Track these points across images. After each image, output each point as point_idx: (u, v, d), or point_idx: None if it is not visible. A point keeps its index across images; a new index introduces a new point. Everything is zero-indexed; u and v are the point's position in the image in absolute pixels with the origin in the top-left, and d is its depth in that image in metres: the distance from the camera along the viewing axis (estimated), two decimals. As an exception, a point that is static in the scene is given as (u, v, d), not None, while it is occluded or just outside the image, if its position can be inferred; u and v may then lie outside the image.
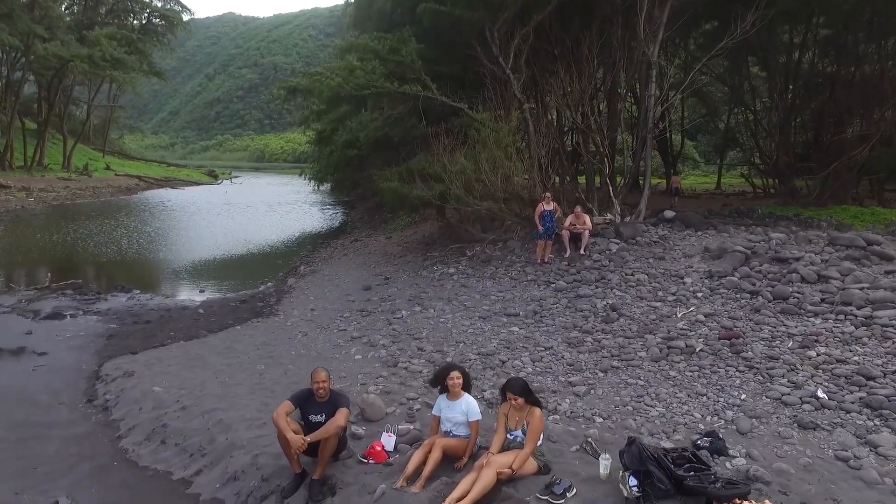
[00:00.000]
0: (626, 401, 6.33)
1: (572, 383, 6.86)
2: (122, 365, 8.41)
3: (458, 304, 10.30)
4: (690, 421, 5.79)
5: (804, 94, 21.95)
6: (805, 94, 21.95)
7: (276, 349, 9.00)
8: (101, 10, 58.55)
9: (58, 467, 5.82)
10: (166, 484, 5.54)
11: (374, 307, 10.96)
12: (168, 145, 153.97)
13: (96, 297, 13.23)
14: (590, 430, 5.60)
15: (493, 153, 13.09)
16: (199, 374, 7.86)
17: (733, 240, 11.61)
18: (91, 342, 9.91)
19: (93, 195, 43.74)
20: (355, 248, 18.81)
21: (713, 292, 9.32)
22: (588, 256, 11.62)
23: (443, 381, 5.23)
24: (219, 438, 5.91)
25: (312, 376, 5.09)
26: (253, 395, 7.01)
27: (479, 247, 13.89)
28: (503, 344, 8.27)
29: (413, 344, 8.58)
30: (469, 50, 14.99)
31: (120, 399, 7.27)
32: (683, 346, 7.52)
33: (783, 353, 7.08)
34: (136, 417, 6.73)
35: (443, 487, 4.68)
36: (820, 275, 9.29)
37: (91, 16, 56.85)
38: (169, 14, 58.26)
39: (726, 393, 6.29)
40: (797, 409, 5.84)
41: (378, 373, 7.50)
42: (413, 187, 14.02)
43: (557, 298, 9.96)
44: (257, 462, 5.37)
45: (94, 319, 11.41)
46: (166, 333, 10.42)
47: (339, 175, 28.45)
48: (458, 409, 5.16)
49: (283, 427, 4.80)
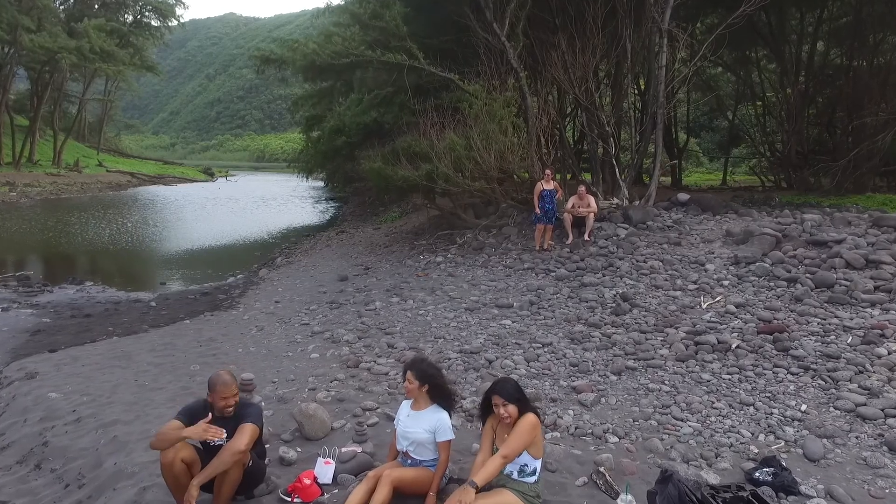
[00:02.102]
0: (648, 413, 4.83)
1: (577, 389, 5.35)
2: (28, 365, 6.93)
3: (443, 295, 8.82)
4: (737, 441, 4.28)
5: (817, 84, 20.76)
6: (818, 84, 20.78)
7: (221, 346, 7.53)
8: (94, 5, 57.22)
9: None
10: (21, 528, 4.06)
11: (345, 298, 9.48)
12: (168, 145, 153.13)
13: (41, 290, 11.80)
14: (601, 455, 4.08)
15: (487, 127, 11.61)
16: (116, 376, 6.38)
17: (759, 223, 10.15)
18: (10, 338, 8.45)
19: (80, 190, 42.52)
20: (340, 240, 17.36)
21: (741, 280, 7.86)
22: (593, 242, 10.16)
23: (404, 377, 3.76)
24: (106, 462, 4.43)
25: (215, 387, 3.60)
26: (173, 402, 5.52)
27: (470, 233, 12.43)
28: (492, 340, 6.76)
29: (383, 340, 7.08)
30: (461, 19, 13.55)
31: (8, 407, 5.79)
32: (715, 341, 6.03)
33: (843, 350, 5.59)
34: (16, 432, 5.26)
35: (391, 542, 3.19)
36: (868, 259, 7.85)
37: (83, 9, 55.51)
38: (161, 7, 56.83)
39: (780, 402, 4.79)
40: (881, 426, 4.34)
41: (334, 375, 6.01)
42: (398, 168, 12.56)
43: (558, 288, 8.48)
44: (143, 499, 3.89)
45: (28, 313, 9.95)
46: (104, 328, 8.98)
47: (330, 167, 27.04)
48: (423, 423, 3.66)
49: (168, 463, 3.32)
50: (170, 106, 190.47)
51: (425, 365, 3.82)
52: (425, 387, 3.69)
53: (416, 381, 3.68)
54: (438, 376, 3.80)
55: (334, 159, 24.79)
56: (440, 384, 3.77)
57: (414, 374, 3.70)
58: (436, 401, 3.75)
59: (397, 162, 13.18)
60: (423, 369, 3.74)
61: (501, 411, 3.36)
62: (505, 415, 3.35)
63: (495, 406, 3.38)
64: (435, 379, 3.75)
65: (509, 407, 3.34)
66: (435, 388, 3.73)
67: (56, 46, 42.75)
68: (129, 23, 56.94)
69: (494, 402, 3.38)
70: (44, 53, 43.42)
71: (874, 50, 18.58)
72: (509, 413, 3.35)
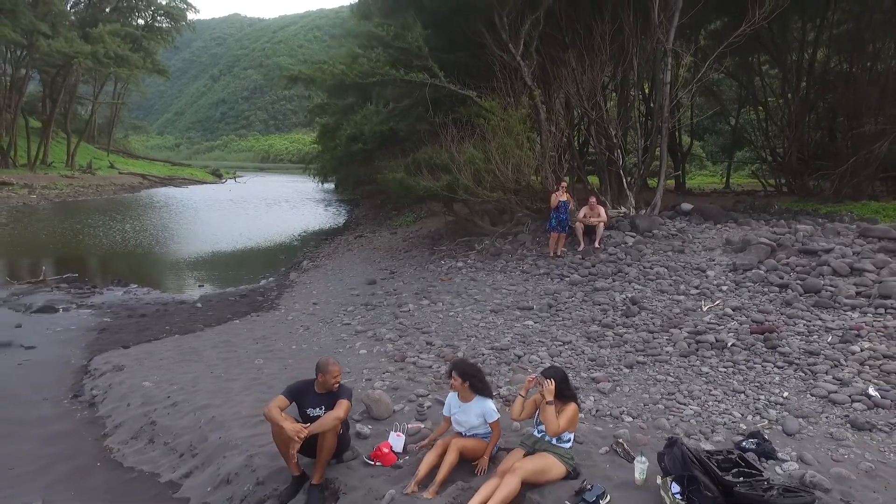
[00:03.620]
0: (657, 398, 5.79)
1: (595, 380, 6.32)
2: (111, 359, 7.90)
3: (468, 298, 9.77)
4: (730, 420, 5.24)
5: (818, 90, 21.45)
6: (819, 90, 21.45)
7: (275, 343, 8.48)
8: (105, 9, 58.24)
9: (32, 468, 5.31)
10: (152, 487, 5.03)
11: (379, 301, 10.44)
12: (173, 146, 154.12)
13: (91, 291, 12.76)
14: (619, 431, 5.06)
15: (504, 142, 12.56)
16: (193, 369, 7.35)
17: (756, 232, 11.07)
18: (81, 336, 9.42)
19: (95, 192, 43.43)
20: (359, 244, 18.30)
21: (739, 285, 8.78)
22: (603, 250, 11.09)
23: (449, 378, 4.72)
24: (211, 437, 5.39)
25: (328, 368, 4.52)
26: (249, 390, 6.49)
27: (487, 240, 13.38)
28: (518, 338, 7.73)
29: (421, 338, 8.05)
30: (477, 38, 14.49)
31: (107, 395, 6.76)
32: (714, 340, 6.97)
33: (823, 347, 6.53)
34: (123, 414, 6.23)
35: (459, 493, 4.15)
36: (853, 267, 8.76)
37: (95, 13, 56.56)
38: (174, 12, 57.88)
39: (766, 390, 5.74)
40: (848, 409, 5.29)
41: (384, 368, 6.98)
42: (420, 179, 13.50)
43: (573, 292, 9.42)
44: (252, 463, 4.85)
45: (87, 313, 10.92)
46: (161, 327, 9.93)
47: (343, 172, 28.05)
48: (473, 412, 4.62)
49: (278, 418, 4.27)
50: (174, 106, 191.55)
51: (465, 365, 4.78)
52: (467, 383, 4.64)
53: (459, 379, 4.64)
54: (477, 373, 4.75)
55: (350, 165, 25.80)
56: (479, 379, 4.72)
57: (457, 373, 4.66)
58: (477, 393, 4.69)
59: (418, 172, 14.13)
60: (464, 369, 4.70)
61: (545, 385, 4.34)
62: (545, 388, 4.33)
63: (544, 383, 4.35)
64: (474, 376, 4.69)
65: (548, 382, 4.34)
66: (475, 383, 4.67)
67: (73, 51, 43.75)
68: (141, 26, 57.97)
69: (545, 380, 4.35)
70: (60, 58, 44.48)
71: (874, 58, 19.18)
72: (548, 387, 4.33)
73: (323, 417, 4.35)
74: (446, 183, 12.95)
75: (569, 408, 4.39)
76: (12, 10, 41.17)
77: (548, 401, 4.32)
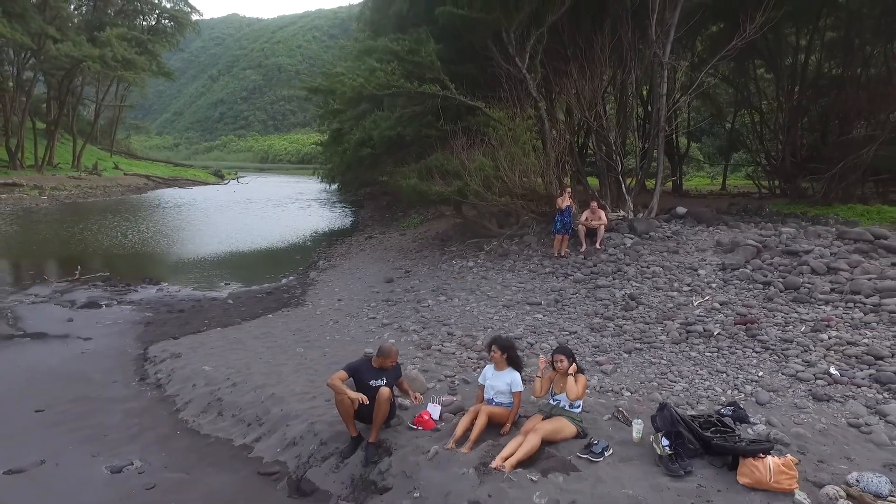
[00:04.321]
0: (651, 377, 6.78)
1: (599, 363, 7.31)
2: (167, 348, 8.87)
3: (481, 294, 10.75)
4: (713, 394, 6.24)
5: (811, 95, 22.26)
6: (812, 95, 22.25)
7: (310, 335, 9.44)
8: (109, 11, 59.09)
9: (125, 435, 6.28)
10: (229, 449, 6.00)
11: (398, 297, 11.41)
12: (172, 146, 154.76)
13: (127, 289, 13.68)
14: (619, 402, 6.05)
15: (511, 150, 13.54)
16: (243, 356, 8.31)
17: (745, 235, 12.04)
18: (130, 329, 10.37)
19: (104, 193, 44.27)
20: (371, 245, 19.26)
21: (727, 283, 9.75)
22: (604, 250, 12.06)
23: (488, 352, 5.70)
24: (273, 410, 6.36)
25: (389, 353, 5.60)
26: (297, 373, 7.46)
27: (495, 241, 14.35)
28: (529, 329, 8.72)
29: (443, 329, 9.03)
30: (485, 51, 15.47)
31: (172, 377, 7.72)
32: (702, 330, 7.96)
33: (796, 336, 7.52)
34: (190, 393, 7.19)
35: (489, 448, 5.13)
36: (829, 266, 9.74)
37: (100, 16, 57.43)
38: (178, 15, 58.78)
39: (744, 371, 6.74)
40: (811, 385, 6.29)
41: (413, 354, 7.96)
42: (432, 184, 14.47)
43: (577, 289, 10.40)
44: (314, 429, 5.83)
45: (129, 309, 11.86)
46: (200, 321, 10.86)
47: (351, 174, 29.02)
48: (503, 379, 5.60)
49: (341, 387, 5.25)
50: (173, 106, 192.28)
51: (504, 340, 5.79)
52: (505, 354, 5.64)
53: (499, 351, 5.63)
54: (513, 348, 5.76)
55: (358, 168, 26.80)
56: (514, 353, 5.72)
57: (497, 346, 5.65)
58: (510, 365, 5.68)
59: (430, 178, 15.11)
60: (504, 343, 5.70)
61: (559, 363, 5.32)
62: (561, 367, 5.31)
63: (559, 361, 5.33)
64: (511, 350, 5.71)
65: (564, 361, 5.33)
66: (511, 355, 5.67)
67: (81, 55, 44.60)
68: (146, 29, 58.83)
69: (558, 358, 5.33)
70: (69, 61, 45.34)
71: (863, 63, 19.88)
72: (563, 366, 5.31)
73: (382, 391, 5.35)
74: (457, 188, 13.94)
75: (581, 378, 5.40)
76: (21, 14, 42.03)
77: (570, 373, 5.33)
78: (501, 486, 4.57)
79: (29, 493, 5.18)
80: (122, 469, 5.58)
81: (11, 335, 9.85)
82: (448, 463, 4.97)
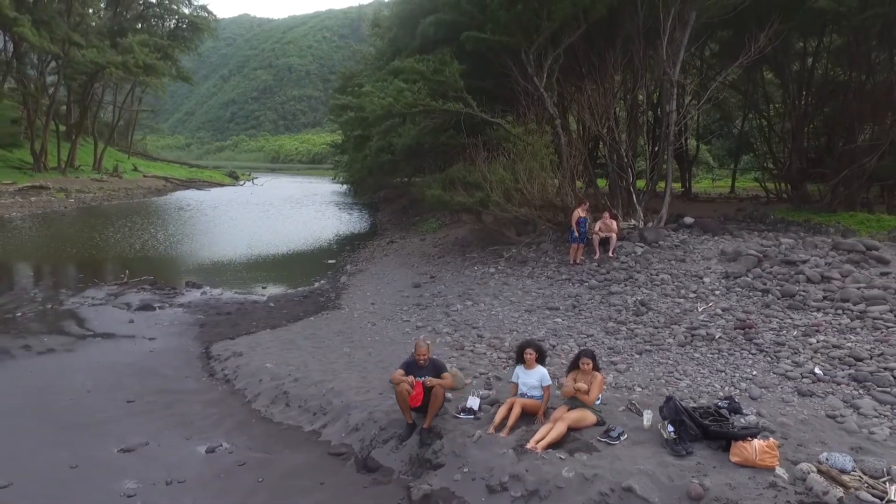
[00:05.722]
0: (659, 375, 7.81)
1: (614, 363, 8.34)
2: (228, 347, 9.98)
3: (504, 300, 11.80)
4: (712, 390, 7.26)
5: (817, 102, 22.63)
6: (818, 102, 22.63)
7: (353, 336, 10.52)
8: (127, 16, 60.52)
9: (208, 422, 7.38)
10: (301, 434, 7.08)
11: (428, 301, 12.47)
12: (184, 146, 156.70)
13: (174, 292, 14.80)
14: (632, 396, 7.09)
15: (530, 164, 14.57)
16: (297, 355, 9.39)
17: (747, 244, 13.00)
18: (187, 330, 11.49)
19: (126, 196, 45.67)
20: (394, 249, 20.34)
21: (729, 290, 10.72)
22: (616, 258, 13.05)
23: (521, 354, 6.73)
24: (334, 401, 7.44)
25: (415, 346, 6.69)
26: (349, 370, 8.54)
27: (514, 249, 15.38)
28: (550, 332, 9.76)
29: (473, 332, 10.08)
30: (504, 69, 16.50)
31: (238, 373, 8.81)
32: (705, 334, 8.97)
33: (788, 340, 8.51)
34: (257, 387, 8.28)
35: (524, 433, 6.18)
36: (823, 276, 10.67)
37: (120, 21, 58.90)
38: (197, 21, 60.17)
39: (740, 370, 7.75)
40: (798, 382, 7.29)
41: (448, 354, 9.01)
42: (455, 194, 15.54)
43: (592, 295, 11.42)
44: (372, 417, 6.90)
45: (180, 311, 12.97)
46: (249, 323, 11.95)
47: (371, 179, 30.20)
48: (534, 376, 6.65)
49: (403, 379, 6.32)
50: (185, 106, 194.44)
51: (536, 343, 6.87)
52: (537, 355, 6.68)
53: (535, 353, 6.68)
54: (542, 349, 6.82)
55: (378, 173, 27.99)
56: (544, 354, 6.78)
57: (533, 349, 6.71)
58: (539, 363, 6.73)
59: (452, 188, 16.18)
60: (538, 346, 6.77)
61: (583, 365, 6.37)
62: (584, 367, 6.35)
63: (584, 363, 6.37)
64: (541, 351, 6.76)
65: (589, 363, 6.37)
66: (541, 356, 6.73)
67: (104, 61, 45.97)
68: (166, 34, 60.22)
69: (584, 361, 6.37)
70: (92, 67, 46.75)
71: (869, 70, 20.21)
72: (587, 368, 6.35)
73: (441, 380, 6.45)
74: (479, 199, 15.00)
75: (597, 378, 6.43)
76: (48, 22, 43.47)
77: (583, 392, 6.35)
78: (536, 463, 5.61)
79: (141, 467, 6.27)
80: (214, 449, 6.68)
81: (84, 335, 11.02)
82: (490, 445, 6.02)
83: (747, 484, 4.99)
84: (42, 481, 5.90)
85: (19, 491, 5.72)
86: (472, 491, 5.56)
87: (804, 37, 21.86)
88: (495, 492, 5.47)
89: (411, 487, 5.77)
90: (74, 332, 11.20)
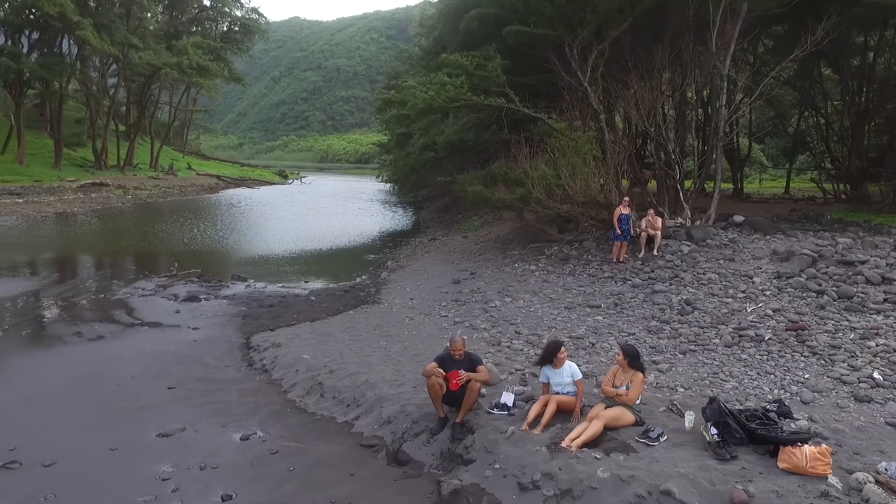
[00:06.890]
0: (703, 376, 7.49)
1: (655, 362, 8.05)
2: (267, 338, 10.11)
3: (544, 297, 11.58)
4: (760, 393, 6.91)
5: (878, 98, 21.74)
6: (879, 98, 21.74)
7: (390, 330, 10.51)
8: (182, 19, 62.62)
9: (244, 410, 7.46)
10: (334, 425, 7.08)
11: (466, 298, 12.36)
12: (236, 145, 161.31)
13: (219, 285, 15.15)
14: (674, 397, 6.80)
15: (572, 160, 14.29)
16: (334, 347, 9.43)
17: (801, 244, 12.40)
18: (230, 321, 11.71)
19: (180, 193, 47.17)
20: (435, 246, 20.32)
21: (781, 291, 10.23)
22: (661, 257, 12.66)
23: (550, 355, 6.52)
24: (368, 393, 7.42)
25: (451, 341, 6.56)
26: (384, 363, 8.51)
27: (556, 246, 15.11)
28: (590, 330, 9.52)
29: (510, 328, 9.92)
30: (547, 63, 16.23)
31: (276, 364, 8.91)
32: (753, 335, 8.57)
33: (845, 343, 8.05)
34: (293, 377, 8.34)
35: (559, 431, 6.00)
36: (884, 277, 10.07)
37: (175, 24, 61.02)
38: (249, 23, 61.76)
39: (792, 373, 7.35)
40: (854, 387, 6.86)
41: (485, 350, 8.88)
42: (496, 191, 15.39)
43: (635, 293, 11.09)
44: (405, 410, 6.84)
45: (225, 303, 13.25)
46: (290, 315, 12.09)
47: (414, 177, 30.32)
48: (565, 373, 6.46)
49: (436, 372, 6.23)
50: (237, 107, 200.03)
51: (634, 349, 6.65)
52: (566, 353, 6.50)
53: (566, 352, 6.49)
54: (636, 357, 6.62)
55: (421, 171, 28.04)
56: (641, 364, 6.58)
57: (566, 349, 6.51)
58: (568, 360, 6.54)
59: (494, 185, 16.03)
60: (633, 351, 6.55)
61: (618, 358, 6.16)
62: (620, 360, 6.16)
63: (618, 354, 6.17)
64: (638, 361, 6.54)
65: (622, 357, 6.16)
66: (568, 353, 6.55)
67: (160, 62, 47.69)
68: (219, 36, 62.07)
69: (618, 353, 6.16)
70: (149, 69, 48.58)
71: None
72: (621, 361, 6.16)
73: (478, 374, 6.34)
74: (520, 195, 14.80)
75: (638, 377, 6.19)
76: (108, 26, 45.34)
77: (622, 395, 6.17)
78: (570, 461, 5.43)
79: (177, 452, 6.38)
80: (248, 437, 6.75)
81: (132, 324, 11.37)
82: (523, 442, 5.87)
83: (796, 492, 4.69)
84: (83, 462, 6.06)
85: (61, 469, 5.89)
86: (503, 488, 5.43)
87: (865, 30, 20.80)
88: (527, 490, 5.32)
89: (441, 482, 5.68)
90: (124, 320, 11.58)
